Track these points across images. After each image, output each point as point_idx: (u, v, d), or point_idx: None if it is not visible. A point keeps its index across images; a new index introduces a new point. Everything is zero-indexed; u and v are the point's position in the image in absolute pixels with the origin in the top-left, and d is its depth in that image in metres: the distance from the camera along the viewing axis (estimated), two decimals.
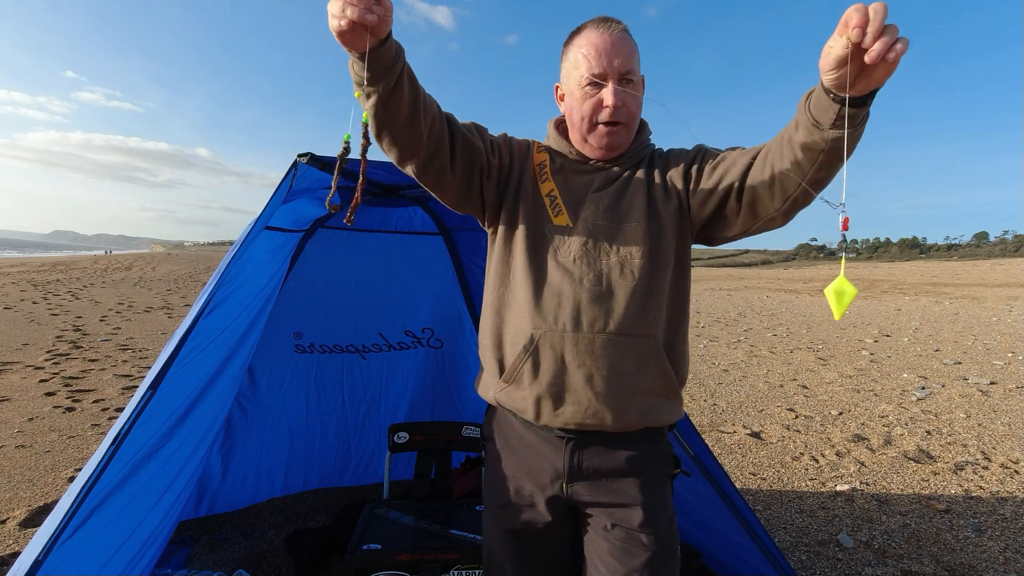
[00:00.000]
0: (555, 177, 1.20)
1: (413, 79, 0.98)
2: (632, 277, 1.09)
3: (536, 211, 1.18)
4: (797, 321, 10.67)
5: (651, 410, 1.11)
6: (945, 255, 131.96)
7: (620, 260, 1.10)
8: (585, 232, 1.13)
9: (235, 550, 2.29)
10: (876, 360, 6.72)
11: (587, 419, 1.10)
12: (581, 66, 1.10)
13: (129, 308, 10.37)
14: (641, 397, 1.10)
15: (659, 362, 1.10)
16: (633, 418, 1.10)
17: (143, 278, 18.49)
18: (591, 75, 1.09)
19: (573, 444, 1.14)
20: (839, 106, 0.81)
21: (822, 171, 0.91)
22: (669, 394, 1.13)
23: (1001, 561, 2.35)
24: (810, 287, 21.98)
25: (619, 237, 1.12)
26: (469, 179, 1.16)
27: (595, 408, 1.09)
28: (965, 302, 14.31)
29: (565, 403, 1.10)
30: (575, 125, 1.16)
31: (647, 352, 1.09)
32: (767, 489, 3.08)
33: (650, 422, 1.12)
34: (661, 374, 1.10)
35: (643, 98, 1.18)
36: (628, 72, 1.09)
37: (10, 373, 5.17)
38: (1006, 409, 4.58)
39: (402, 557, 1.78)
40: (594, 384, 1.08)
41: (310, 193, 1.96)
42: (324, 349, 2.74)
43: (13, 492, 2.85)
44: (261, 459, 2.68)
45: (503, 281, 1.20)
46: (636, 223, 1.12)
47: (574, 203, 1.16)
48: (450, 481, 2.36)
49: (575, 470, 1.14)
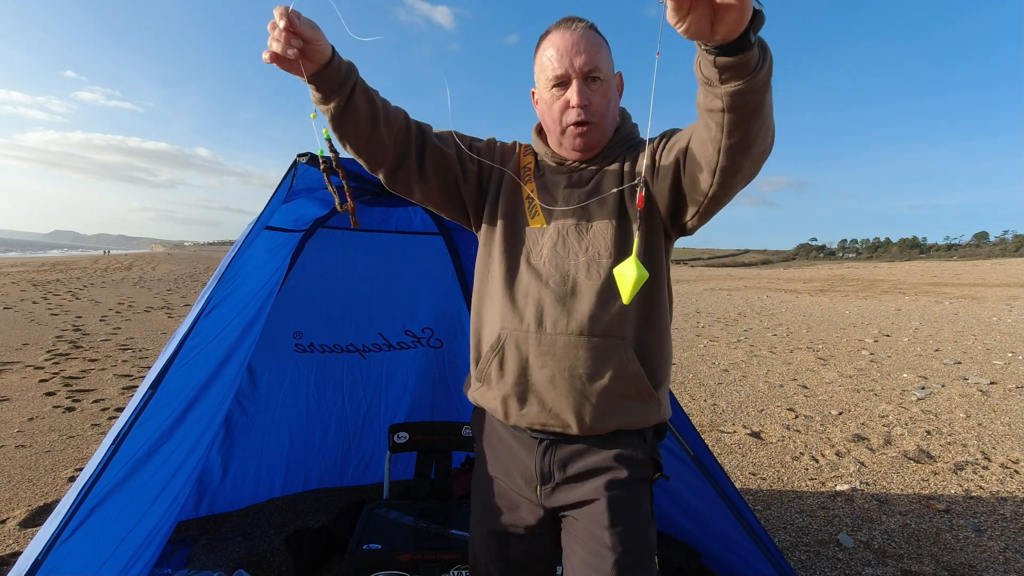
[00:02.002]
0: (536, 179, 1.21)
1: (370, 94, 1.04)
2: (598, 277, 1.07)
3: (514, 213, 1.19)
4: (797, 321, 10.67)
5: (619, 412, 1.08)
6: (945, 255, 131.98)
7: (588, 260, 1.09)
8: (555, 233, 1.13)
9: (235, 550, 2.29)
10: (876, 360, 6.72)
11: (550, 420, 1.09)
12: (547, 69, 1.10)
13: (129, 308, 10.37)
14: (607, 399, 1.07)
15: (627, 362, 1.06)
16: (597, 421, 1.08)
17: (143, 278, 18.49)
18: (555, 76, 1.09)
19: (545, 445, 1.13)
20: (713, 55, 0.77)
21: (735, 134, 0.86)
22: (642, 395, 1.09)
23: (1001, 561, 2.35)
24: (810, 287, 21.98)
25: (588, 237, 1.11)
26: (445, 185, 1.19)
27: (558, 410, 1.08)
28: (965, 302, 14.31)
29: (528, 403, 1.10)
30: (549, 129, 1.17)
31: (613, 352, 1.06)
32: (767, 489, 3.08)
33: (619, 424, 1.09)
34: (630, 375, 1.07)
35: (618, 95, 1.17)
36: (593, 70, 1.08)
37: (10, 373, 5.17)
38: (1006, 409, 4.58)
39: (402, 557, 1.78)
40: (556, 385, 1.07)
41: (310, 193, 1.96)
42: (324, 349, 2.74)
43: (13, 492, 2.85)
44: (261, 459, 2.68)
45: (483, 282, 1.21)
46: (606, 221, 1.10)
47: (549, 204, 1.17)
48: (450, 481, 2.36)
49: (546, 472, 1.13)
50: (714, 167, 0.92)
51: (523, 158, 1.25)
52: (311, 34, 0.90)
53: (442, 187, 1.19)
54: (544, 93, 1.13)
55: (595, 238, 1.11)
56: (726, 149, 0.88)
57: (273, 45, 0.88)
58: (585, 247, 1.10)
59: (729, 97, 0.81)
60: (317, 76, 0.95)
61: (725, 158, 0.90)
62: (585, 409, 1.07)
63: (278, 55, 0.89)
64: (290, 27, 0.87)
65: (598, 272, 1.08)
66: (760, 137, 0.88)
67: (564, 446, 1.12)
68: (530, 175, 1.22)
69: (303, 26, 0.89)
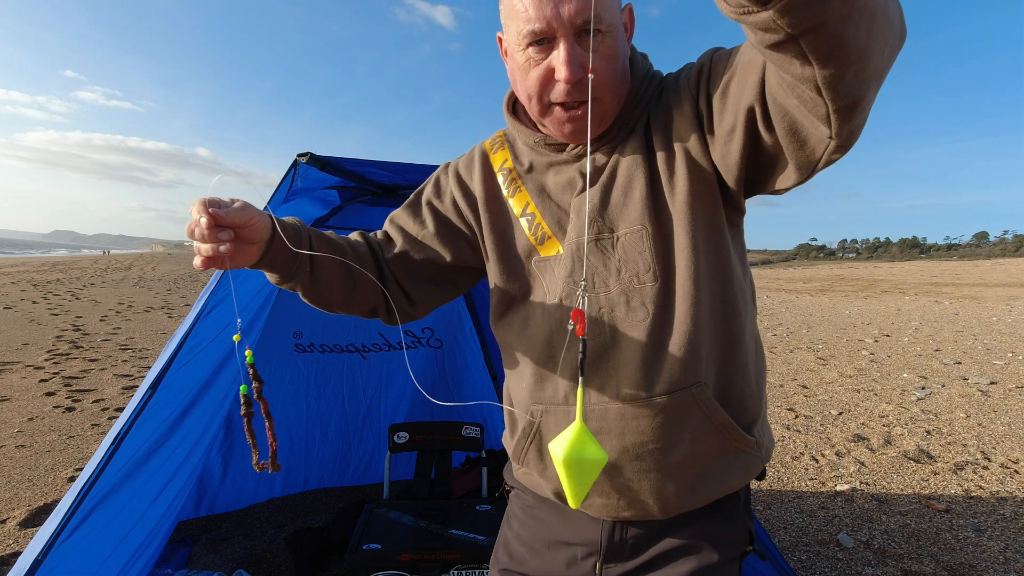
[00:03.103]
0: (526, 184, 0.86)
1: (330, 244, 0.84)
2: (646, 311, 0.76)
3: (508, 247, 0.87)
4: (797, 321, 10.67)
5: (712, 479, 0.81)
6: (945, 255, 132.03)
7: (624, 289, 0.77)
8: (570, 259, 0.80)
9: (235, 550, 2.29)
10: (876, 360, 6.72)
11: (622, 511, 0.83)
12: (518, 17, 0.73)
13: (129, 308, 10.37)
14: (694, 468, 0.80)
15: (709, 414, 0.77)
16: (686, 499, 0.81)
17: (143, 278, 18.48)
18: (530, 32, 0.72)
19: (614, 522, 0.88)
20: None
21: (828, 58, 0.50)
22: (735, 447, 0.81)
23: (1001, 561, 2.35)
24: (810, 287, 21.98)
25: (616, 254, 0.78)
26: (455, 272, 0.95)
27: (630, 498, 0.81)
28: (965, 302, 14.30)
29: (590, 497, 0.83)
30: (524, 103, 0.81)
31: (690, 409, 0.76)
32: (767, 489, 3.08)
33: (715, 494, 0.83)
34: (716, 429, 0.78)
35: (629, 39, 0.80)
36: (588, 21, 0.69)
37: (10, 373, 5.17)
38: (1006, 409, 4.58)
39: (402, 557, 1.78)
40: (621, 470, 0.79)
41: (310, 193, 1.96)
42: (324, 348, 2.74)
43: (13, 492, 2.84)
44: (261, 458, 2.68)
45: (503, 341, 0.93)
46: (638, 227, 0.77)
47: (558, 218, 0.83)
48: (450, 481, 2.36)
49: (614, 548, 0.87)
50: (826, 113, 0.56)
51: (494, 157, 0.91)
52: (240, 218, 0.69)
53: (452, 274, 0.95)
54: (516, 53, 0.76)
55: (627, 253, 0.77)
56: (828, 83, 0.52)
57: (202, 250, 0.68)
58: (616, 269, 0.78)
59: (778, 16, 0.46)
60: (265, 259, 0.76)
61: (834, 95, 0.54)
62: (667, 490, 0.80)
63: (211, 258, 0.69)
64: (213, 223, 0.67)
65: (642, 304, 0.76)
66: (875, 29, 0.50)
67: (641, 524, 0.87)
68: (515, 181, 0.87)
69: (229, 213, 0.68)
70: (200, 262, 0.70)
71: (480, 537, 1.89)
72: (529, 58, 0.75)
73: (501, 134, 0.94)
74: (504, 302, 0.89)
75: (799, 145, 0.64)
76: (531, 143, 0.86)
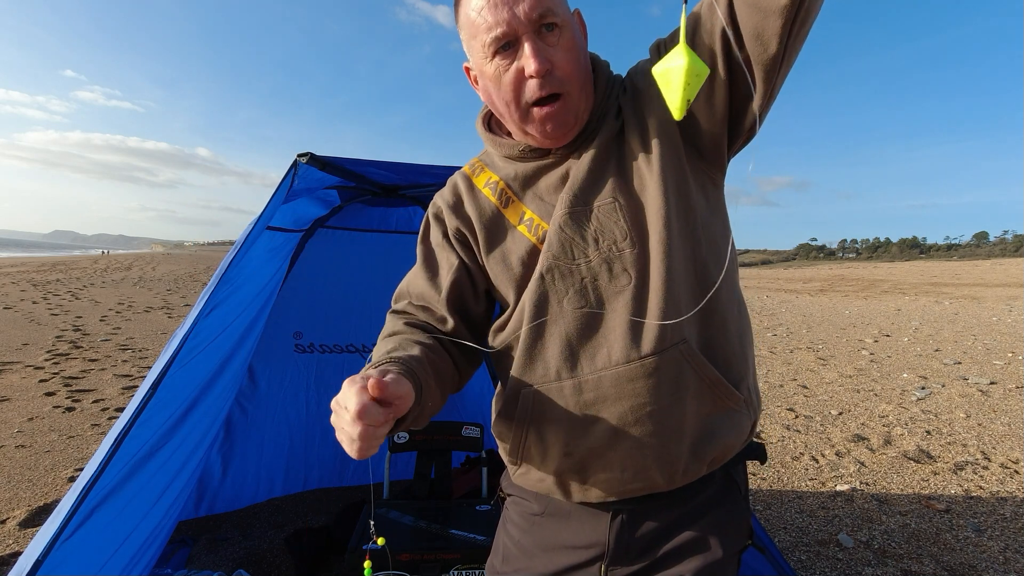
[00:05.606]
0: (518, 193, 0.88)
1: (435, 370, 0.83)
2: (628, 277, 0.78)
3: (506, 260, 0.87)
4: (797, 321, 10.67)
5: (708, 437, 0.82)
6: (945, 255, 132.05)
7: (605, 258, 0.79)
8: (554, 236, 0.82)
9: (235, 550, 2.29)
10: (876, 360, 6.72)
11: (628, 485, 0.83)
12: (479, 29, 0.78)
13: (129, 308, 10.37)
14: (693, 429, 0.81)
15: (699, 369, 0.79)
16: (691, 463, 0.82)
17: (143, 278, 18.48)
18: (494, 39, 0.77)
19: (623, 516, 0.87)
20: None
21: None
22: (726, 404, 0.82)
23: (1001, 561, 2.35)
24: (810, 287, 21.98)
25: (591, 225, 0.80)
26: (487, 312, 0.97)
27: (635, 469, 0.81)
28: (965, 302, 14.31)
29: (592, 472, 0.83)
30: (505, 115, 0.84)
31: (680, 365, 0.78)
32: (767, 489, 3.08)
33: (714, 455, 0.83)
34: (707, 385, 0.80)
35: (585, 42, 0.84)
36: (545, 14, 0.75)
37: (10, 373, 5.17)
38: (1006, 409, 4.58)
39: (402, 557, 1.78)
40: (622, 437, 0.80)
41: (310, 193, 1.96)
42: (324, 349, 2.74)
43: (13, 492, 2.85)
44: (261, 459, 2.68)
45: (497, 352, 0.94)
46: (610, 199, 0.80)
47: None
48: (450, 481, 2.36)
49: (623, 547, 0.86)
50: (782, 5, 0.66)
51: (477, 180, 0.92)
52: (396, 391, 0.63)
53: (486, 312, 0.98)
54: (485, 67, 0.80)
55: (602, 224, 0.80)
56: None
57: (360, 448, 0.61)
58: (593, 239, 0.80)
59: None
60: (416, 419, 0.75)
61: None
62: (670, 452, 0.80)
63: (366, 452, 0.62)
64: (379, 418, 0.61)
65: (624, 270, 0.78)
66: None
67: (648, 516, 0.86)
68: (506, 192, 0.88)
69: (390, 389, 0.62)
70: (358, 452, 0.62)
71: (480, 537, 1.89)
72: (498, 67, 0.79)
73: (477, 160, 0.96)
74: (506, 315, 0.90)
75: (761, 44, 0.70)
76: (515, 153, 0.88)
